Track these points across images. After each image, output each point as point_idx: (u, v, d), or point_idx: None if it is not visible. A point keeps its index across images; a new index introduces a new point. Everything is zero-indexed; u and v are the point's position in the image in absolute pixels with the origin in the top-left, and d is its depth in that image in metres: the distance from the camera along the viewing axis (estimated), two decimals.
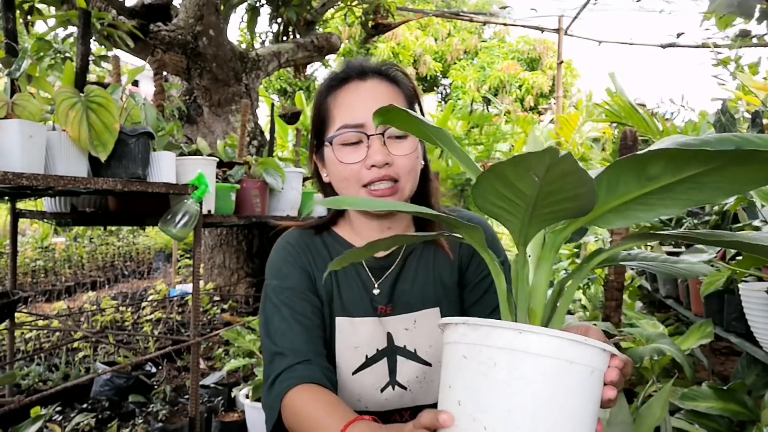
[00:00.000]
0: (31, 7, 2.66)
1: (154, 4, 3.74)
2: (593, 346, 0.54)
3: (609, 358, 0.57)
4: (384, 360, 0.97)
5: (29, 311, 3.70)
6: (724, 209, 2.50)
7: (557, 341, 0.52)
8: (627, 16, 11.57)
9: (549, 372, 0.52)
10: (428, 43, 15.43)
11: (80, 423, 1.97)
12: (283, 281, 0.98)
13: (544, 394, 0.52)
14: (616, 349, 0.59)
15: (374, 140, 0.92)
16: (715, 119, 2.85)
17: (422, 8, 8.48)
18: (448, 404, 0.56)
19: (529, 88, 14.61)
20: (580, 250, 4.97)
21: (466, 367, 0.55)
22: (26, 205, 2.39)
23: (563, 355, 0.52)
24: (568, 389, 0.53)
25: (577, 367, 0.53)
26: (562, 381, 0.52)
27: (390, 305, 0.99)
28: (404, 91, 0.99)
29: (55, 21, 2.48)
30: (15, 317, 2.18)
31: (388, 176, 0.92)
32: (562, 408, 0.52)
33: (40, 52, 2.21)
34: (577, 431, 0.53)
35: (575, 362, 0.53)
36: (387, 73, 0.98)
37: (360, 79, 0.96)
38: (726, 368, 2.61)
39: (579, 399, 0.54)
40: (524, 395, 0.52)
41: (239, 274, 4.20)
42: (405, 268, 1.01)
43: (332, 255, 1.01)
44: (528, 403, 0.52)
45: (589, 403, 0.55)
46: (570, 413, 0.53)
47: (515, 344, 0.53)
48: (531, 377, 0.52)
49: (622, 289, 2.21)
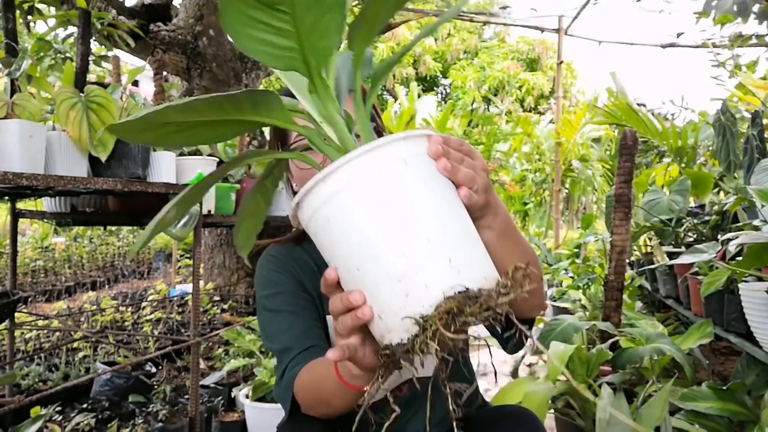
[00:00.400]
0: (31, 7, 2.66)
1: (154, 4, 3.74)
2: (386, 143, 0.53)
3: (423, 140, 0.56)
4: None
5: (29, 311, 3.70)
6: (724, 209, 2.51)
7: (353, 164, 0.52)
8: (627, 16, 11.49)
9: (367, 192, 0.52)
10: (428, 43, 15.43)
11: (80, 423, 1.97)
12: (274, 288, 1.00)
13: (380, 212, 0.52)
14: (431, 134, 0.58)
15: None
16: (714, 119, 2.85)
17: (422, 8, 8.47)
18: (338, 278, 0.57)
19: (530, 89, 14.61)
20: (580, 250, 4.98)
21: (321, 240, 0.56)
22: (26, 205, 2.39)
23: (368, 170, 0.52)
24: (395, 190, 0.52)
25: (386, 169, 0.53)
26: (384, 190, 0.52)
27: None
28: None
29: (55, 21, 2.48)
30: (15, 317, 2.18)
31: None
32: (406, 212, 0.52)
33: (40, 52, 2.21)
34: (442, 219, 0.53)
35: (381, 167, 0.52)
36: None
37: None
38: (726, 368, 2.60)
39: (414, 192, 0.53)
40: (366, 225, 0.51)
41: (239, 274, 4.20)
42: None
43: (316, 262, 1.04)
44: (373, 229, 0.51)
45: (429, 189, 0.54)
46: (418, 209, 0.52)
47: (327, 192, 0.53)
48: (358, 206, 0.52)
49: (622, 289, 2.21)
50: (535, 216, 9.83)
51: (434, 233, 0.51)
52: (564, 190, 8.47)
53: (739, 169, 2.66)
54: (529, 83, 14.62)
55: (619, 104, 4.14)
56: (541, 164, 8.64)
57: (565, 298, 4.12)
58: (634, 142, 2.21)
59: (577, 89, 14.78)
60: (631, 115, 4.00)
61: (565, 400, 1.96)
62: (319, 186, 0.54)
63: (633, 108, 4.03)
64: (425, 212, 0.52)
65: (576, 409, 1.91)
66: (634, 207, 2.55)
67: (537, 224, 9.46)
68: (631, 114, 4.00)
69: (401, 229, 0.51)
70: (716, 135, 2.78)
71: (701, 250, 1.96)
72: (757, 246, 1.55)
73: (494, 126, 7.71)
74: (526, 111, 13.74)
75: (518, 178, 9.26)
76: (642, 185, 3.57)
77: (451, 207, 0.55)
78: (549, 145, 8.20)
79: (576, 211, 9.72)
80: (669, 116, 4.81)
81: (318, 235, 0.56)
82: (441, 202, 0.54)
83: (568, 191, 8.96)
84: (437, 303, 0.49)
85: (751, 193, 1.59)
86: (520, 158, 9.09)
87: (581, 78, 14.36)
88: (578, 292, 3.75)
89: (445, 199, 0.55)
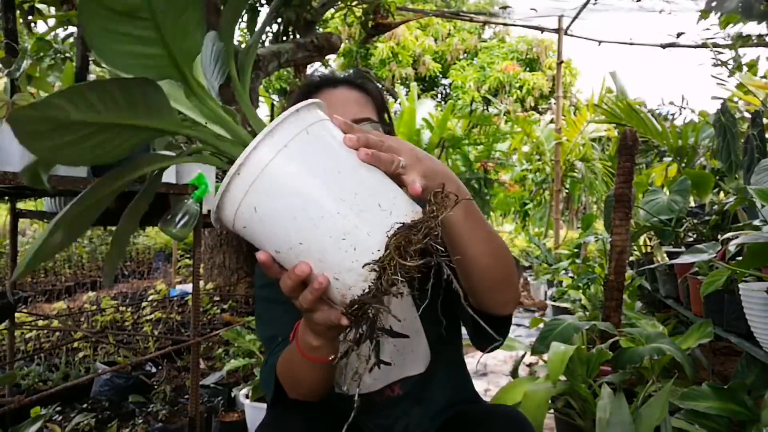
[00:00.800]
0: (31, 7, 2.66)
1: None
2: (282, 121, 0.56)
3: (314, 109, 0.60)
4: (366, 343, 0.98)
5: (29, 311, 3.70)
6: (724, 209, 2.51)
7: (259, 149, 0.55)
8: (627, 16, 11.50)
9: (284, 168, 0.55)
10: (428, 43, 15.43)
11: (80, 423, 1.97)
12: (270, 280, 1.01)
13: (304, 182, 0.55)
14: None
15: None
16: (714, 119, 2.85)
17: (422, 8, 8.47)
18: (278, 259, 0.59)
19: (530, 89, 14.61)
20: (580, 250, 4.97)
21: (253, 231, 0.58)
22: (26, 205, 2.39)
23: (276, 148, 0.55)
24: (310, 158, 0.55)
25: (293, 142, 0.55)
26: (299, 161, 0.55)
27: None
28: (374, 100, 1.04)
29: (55, 21, 2.48)
30: (15, 317, 2.17)
31: None
32: (326, 174, 0.55)
33: (40, 52, 2.21)
34: (359, 173, 0.56)
35: (288, 142, 0.55)
36: (356, 82, 1.04)
37: (332, 86, 1.02)
38: (726, 368, 2.60)
39: (326, 154, 0.57)
40: (294, 198, 0.54)
41: (239, 274, 4.20)
42: None
43: None
44: (303, 199, 0.54)
45: (337, 149, 0.58)
46: (336, 169, 0.56)
47: (245, 183, 0.55)
48: (281, 183, 0.55)
49: (622, 289, 2.21)
50: (535, 216, 9.83)
51: (358, 186, 0.55)
52: (564, 190, 8.47)
53: (740, 169, 2.66)
54: (529, 83, 14.62)
55: (619, 104, 4.15)
56: (541, 164, 8.64)
57: (565, 298, 4.13)
58: (634, 141, 2.21)
59: (577, 89, 14.79)
60: (632, 115, 4.01)
61: (565, 400, 1.96)
62: (235, 181, 0.56)
63: (633, 108, 4.03)
64: (343, 170, 0.56)
65: (576, 409, 1.91)
66: (633, 207, 2.55)
67: (537, 224, 9.46)
68: (631, 114, 4.01)
69: (328, 191, 0.54)
70: (717, 135, 2.78)
71: (701, 250, 1.96)
72: (757, 246, 1.55)
73: (494, 126, 7.70)
74: (526, 111, 13.74)
75: (518, 178, 9.26)
76: (642, 185, 3.57)
77: (360, 162, 0.58)
78: (549, 145, 8.20)
79: (576, 211, 9.73)
80: (669, 116, 4.81)
81: (248, 228, 0.58)
82: (352, 159, 0.58)
83: (568, 191, 8.96)
84: (385, 243, 0.53)
85: (751, 193, 1.59)
86: (520, 158, 9.08)
87: (581, 77, 14.36)
88: (578, 292, 3.75)
89: (354, 156, 0.58)
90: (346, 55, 13.41)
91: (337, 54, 5.91)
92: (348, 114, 0.95)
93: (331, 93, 1.01)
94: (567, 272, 4.78)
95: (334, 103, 0.98)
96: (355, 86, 1.03)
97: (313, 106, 0.60)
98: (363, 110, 1.00)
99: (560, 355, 1.72)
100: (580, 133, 7.73)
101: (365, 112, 1.00)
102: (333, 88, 1.02)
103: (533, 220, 9.86)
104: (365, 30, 5.94)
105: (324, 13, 5.24)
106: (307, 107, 0.59)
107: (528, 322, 2.90)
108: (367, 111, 1.01)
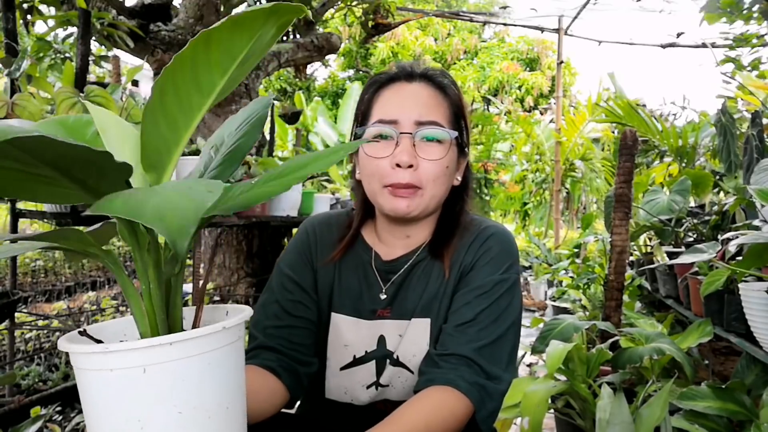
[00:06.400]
0: (31, 7, 2.66)
1: (154, 4, 3.74)
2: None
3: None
4: (372, 362, 0.97)
5: (29, 311, 3.70)
6: (724, 209, 2.51)
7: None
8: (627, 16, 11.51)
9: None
10: (428, 43, 15.43)
11: (80, 423, 1.97)
12: (286, 267, 1.00)
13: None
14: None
15: (404, 139, 0.90)
16: (715, 119, 2.85)
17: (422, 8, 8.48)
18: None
19: (530, 89, 14.61)
20: (580, 250, 4.97)
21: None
22: (26, 205, 2.39)
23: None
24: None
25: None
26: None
27: (389, 308, 0.98)
28: (450, 99, 0.97)
29: (55, 21, 2.47)
30: (15, 317, 2.17)
31: (410, 185, 0.90)
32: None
33: (40, 52, 2.21)
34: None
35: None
36: (434, 78, 0.97)
37: (406, 80, 0.96)
38: (726, 368, 2.60)
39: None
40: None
41: (239, 274, 4.20)
42: (411, 275, 0.99)
43: (349, 256, 1.02)
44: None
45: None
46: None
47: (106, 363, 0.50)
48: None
49: (622, 289, 2.21)
50: (535, 216, 9.83)
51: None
52: (564, 190, 8.47)
53: (739, 169, 2.66)
54: (529, 83, 14.62)
55: (620, 103, 4.15)
56: (541, 164, 8.64)
57: (565, 298, 4.13)
58: (634, 141, 2.21)
59: (577, 89, 14.79)
60: (632, 115, 4.01)
61: (564, 399, 1.96)
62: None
63: (633, 107, 4.03)
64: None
65: (576, 408, 1.91)
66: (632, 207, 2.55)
67: (537, 224, 9.45)
68: (631, 113, 4.01)
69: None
70: (718, 135, 2.78)
71: (701, 250, 1.96)
72: (757, 246, 1.55)
73: (494, 126, 7.70)
74: (526, 111, 13.73)
75: (518, 178, 9.25)
76: (642, 185, 3.58)
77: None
78: (549, 145, 8.20)
79: (576, 211, 9.72)
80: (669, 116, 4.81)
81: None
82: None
83: (568, 191, 8.96)
84: None
85: (751, 193, 1.59)
86: (520, 158, 9.08)
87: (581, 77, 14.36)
88: (578, 292, 3.75)
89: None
90: (346, 55, 13.42)
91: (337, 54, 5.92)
92: (413, 114, 0.91)
93: (404, 86, 0.95)
94: (567, 272, 4.78)
95: (404, 99, 0.93)
96: (433, 83, 0.96)
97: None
98: (431, 112, 0.93)
99: (559, 351, 1.72)
100: (579, 133, 7.73)
101: (433, 114, 0.93)
102: (407, 81, 0.95)
103: (533, 220, 9.85)
104: (365, 30, 5.94)
105: (324, 13, 5.24)
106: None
107: (528, 322, 2.90)
108: (436, 113, 0.93)
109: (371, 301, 0.98)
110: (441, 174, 0.92)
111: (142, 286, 0.54)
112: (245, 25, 0.48)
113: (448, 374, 0.85)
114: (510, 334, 0.92)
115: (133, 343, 0.48)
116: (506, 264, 0.96)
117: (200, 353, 0.50)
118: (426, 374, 0.88)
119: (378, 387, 0.97)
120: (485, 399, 0.85)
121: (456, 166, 0.97)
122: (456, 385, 0.84)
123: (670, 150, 3.91)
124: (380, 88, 0.97)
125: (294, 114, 5.75)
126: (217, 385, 0.52)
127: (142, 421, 0.48)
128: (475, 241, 0.97)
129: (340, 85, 13.78)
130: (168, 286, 0.55)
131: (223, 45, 0.49)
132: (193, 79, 0.50)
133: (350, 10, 5.58)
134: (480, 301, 0.91)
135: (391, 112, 0.92)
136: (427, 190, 0.91)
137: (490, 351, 0.88)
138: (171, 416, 0.49)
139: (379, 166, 0.91)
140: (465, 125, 0.99)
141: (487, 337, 0.89)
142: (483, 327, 0.89)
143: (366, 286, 0.99)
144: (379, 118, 0.93)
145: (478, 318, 0.90)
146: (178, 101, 0.51)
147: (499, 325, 0.90)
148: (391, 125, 0.91)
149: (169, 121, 0.52)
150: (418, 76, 0.96)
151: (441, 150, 0.92)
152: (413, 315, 0.97)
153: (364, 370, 0.97)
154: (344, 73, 14.31)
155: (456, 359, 0.87)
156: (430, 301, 0.97)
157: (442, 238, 0.98)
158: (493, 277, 0.93)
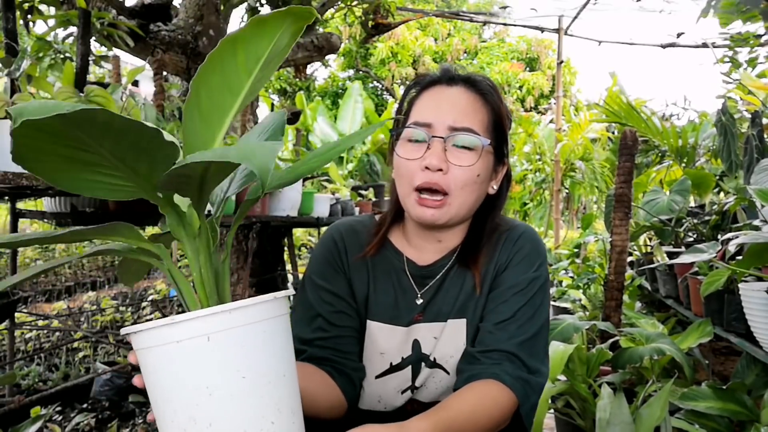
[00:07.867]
0: (31, 7, 2.66)
1: (154, 4, 3.74)
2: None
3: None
4: (408, 368, 0.98)
5: (29, 311, 3.70)
6: (724, 209, 2.51)
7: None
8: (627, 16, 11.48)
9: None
10: (428, 43, 15.42)
11: (80, 423, 1.97)
12: (319, 279, 0.99)
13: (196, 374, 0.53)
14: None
15: (435, 142, 0.90)
16: (716, 119, 2.85)
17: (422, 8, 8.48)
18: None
19: (530, 89, 14.61)
20: (580, 250, 4.97)
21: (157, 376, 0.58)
22: (26, 205, 2.39)
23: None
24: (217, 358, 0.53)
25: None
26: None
27: (422, 312, 0.98)
28: (489, 106, 0.95)
29: (55, 21, 2.47)
30: (15, 317, 2.17)
31: (438, 186, 0.89)
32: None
33: (40, 52, 2.21)
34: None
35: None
36: (475, 83, 0.95)
37: (447, 84, 0.95)
38: (726, 368, 2.60)
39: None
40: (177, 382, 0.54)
41: (239, 274, 4.20)
42: (446, 278, 0.99)
43: (380, 263, 1.01)
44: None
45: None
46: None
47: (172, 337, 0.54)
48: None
49: (622, 289, 2.21)
50: (535, 216, 9.83)
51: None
52: (564, 190, 8.47)
53: (740, 169, 2.66)
54: (529, 83, 14.62)
55: (620, 103, 4.14)
56: (541, 164, 8.64)
57: (565, 298, 4.12)
58: (634, 141, 2.21)
59: (577, 89, 14.78)
60: (632, 115, 4.01)
61: (564, 399, 1.96)
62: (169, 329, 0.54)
63: (633, 107, 4.03)
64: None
65: (576, 409, 1.91)
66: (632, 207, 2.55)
67: (537, 224, 9.45)
68: (631, 113, 4.01)
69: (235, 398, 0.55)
70: (718, 135, 2.78)
71: (701, 250, 1.96)
72: (757, 246, 1.55)
73: None
74: (526, 111, 13.74)
75: (518, 178, 9.26)
76: (642, 185, 3.57)
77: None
78: (550, 145, 8.20)
79: (576, 211, 9.72)
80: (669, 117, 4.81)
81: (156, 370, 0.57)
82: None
83: (568, 191, 8.96)
84: None
85: (751, 193, 1.59)
86: (520, 158, 9.09)
87: (581, 77, 14.36)
88: (578, 292, 3.75)
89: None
90: (346, 55, 13.42)
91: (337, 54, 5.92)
92: (448, 118, 0.91)
93: (443, 90, 0.94)
94: (567, 272, 4.77)
95: (441, 102, 0.93)
96: (474, 89, 0.94)
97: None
98: (467, 118, 0.91)
99: (560, 354, 1.72)
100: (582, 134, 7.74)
101: (468, 121, 0.91)
102: (448, 85, 0.94)
103: (533, 220, 9.85)
104: (365, 30, 5.94)
105: (324, 13, 5.24)
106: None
107: None
108: (472, 120, 0.92)
109: (407, 307, 0.98)
110: (470, 181, 0.91)
111: (193, 273, 0.59)
112: (267, 25, 0.53)
113: (492, 369, 0.88)
114: (544, 329, 0.95)
115: (196, 312, 0.53)
116: (537, 262, 0.98)
117: (257, 321, 0.55)
118: (467, 371, 0.90)
119: (414, 390, 0.98)
120: (529, 392, 0.88)
121: (490, 174, 0.96)
122: (501, 379, 0.86)
123: (670, 150, 3.91)
124: (422, 90, 0.97)
125: (294, 114, 5.75)
126: (272, 353, 0.57)
127: (210, 387, 0.53)
128: (507, 241, 0.99)
129: (340, 85, 13.78)
130: (216, 275, 0.61)
131: (247, 47, 0.55)
132: (222, 79, 0.56)
133: (350, 10, 5.58)
134: (517, 299, 0.94)
135: (426, 115, 0.92)
136: (454, 197, 0.91)
137: (530, 346, 0.91)
138: (236, 381, 0.53)
139: (409, 168, 0.91)
140: (504, 134, 0.98)
141: (526, 333, 0.91)
142: (521, 323, 0.92)
143: (401, 292, 0.99)
144: (414, 120, 0.93)
145: (516, 315, 0.92)
146: (210, 101, 0.57)
147: (535, 320, 0.93)
148: (424, 128, 0.91)
149: (204, 119, 0.58)
150: (459, 80, 0.95)
151: (472, 157, 0.90)
152: (449, 317, 0.97)
153: (400, 377, 0.97)
154: (344, 73, 14.31)
155: (498, 355, 0.89)
156: (466, 302, 0.97)
157: (471, 246, 0.98)
158: (527, 275, 0.95)
